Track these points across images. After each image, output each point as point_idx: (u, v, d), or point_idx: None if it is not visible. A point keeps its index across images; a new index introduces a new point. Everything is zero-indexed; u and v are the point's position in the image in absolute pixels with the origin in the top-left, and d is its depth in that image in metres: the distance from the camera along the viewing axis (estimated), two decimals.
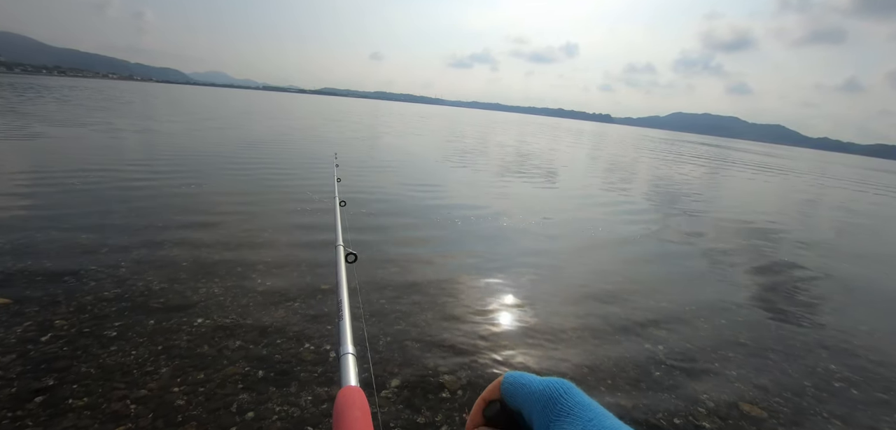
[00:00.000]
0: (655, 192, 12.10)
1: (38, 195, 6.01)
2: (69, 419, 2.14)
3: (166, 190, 6.91)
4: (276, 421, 2.27)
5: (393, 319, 3.44)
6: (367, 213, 6.56)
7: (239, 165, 9.84)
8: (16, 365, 2.49)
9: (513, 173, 12.61)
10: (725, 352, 3.46)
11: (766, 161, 35.77)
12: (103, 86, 70.17)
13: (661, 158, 25.79)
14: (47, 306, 3.13)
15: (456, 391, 2.65)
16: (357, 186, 8.44)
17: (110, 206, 5.75)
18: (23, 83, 51.83)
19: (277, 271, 4.11)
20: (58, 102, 24.31)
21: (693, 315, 4.10)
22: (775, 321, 4.17)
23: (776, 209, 11.45)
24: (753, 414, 2.73)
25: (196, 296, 3.48)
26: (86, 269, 3.77)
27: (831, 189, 19.24)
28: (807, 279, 5.57)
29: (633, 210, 9.12)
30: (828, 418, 2.79)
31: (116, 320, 3.04)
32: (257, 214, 6.05)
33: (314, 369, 2.71)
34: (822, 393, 3.05)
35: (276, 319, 3.25)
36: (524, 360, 3.06)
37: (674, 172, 18.13)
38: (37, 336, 2.77)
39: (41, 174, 7.34)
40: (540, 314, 3.79)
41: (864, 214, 12.94)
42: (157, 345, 2.79)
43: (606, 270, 5.17)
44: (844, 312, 4.65)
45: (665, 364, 3.19)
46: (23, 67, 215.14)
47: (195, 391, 2.42)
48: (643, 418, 2.59)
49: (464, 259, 5.05)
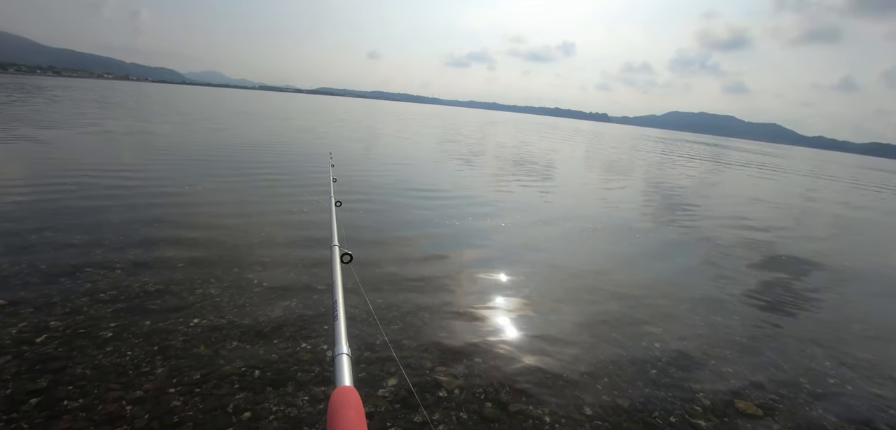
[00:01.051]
0: (652, 190, 12.13)
1: (32, 197, 5.97)
2: (64, 421, 2.13)
3: (160, 191, 6.88)
4: (272, 421, 2.27)
5: (391, 318, 3.44)
6: (364, 210, 6.56)
7: (235, 166, 9.80)
8: (11, 366, 2.47)
9: (510, 172, 12.62)
10: (721, 350, 3.48)
11: (763, 160, 35.96)
12: (98, 86, 69.76)
13: (658, 157, 25.87)
14: (42, 307, 3.11)
15: (453, 391, 2.65)
16: (355, 187, 8.43)
17: (105, 207, 5.72)
18: (13, 83, 51.47)
19: (274, 271, 4.10)
20: (49, 103, 24.16)
21: (689, 312, 4.12)
22: (770, 318, 4.19)
23: (772, 207, 11.50)
24: (749, 412, 2.75)
25: (192, 296, 3.47)
26: (81, 270, 3.75)
27: (827, 187, 19.35)
28: (802, 276, 5.60)
29: (629, 208, 9.14)
30: (823, 414, 2.81)
31: (112, 320, 3.02)
32: (253, 214, 6.04)
33: (311, 369, 2.70)
34: (816, 389, 3.07)
35: (272, 319, 3.24)
36: (521, 358, 3.06)
37: (670, 170, 18.19)
38: (32, 337, 2.75)
39: (34, 176, 7.29)
40: (537, 313, 3.80)
41: (860, 211, 13.02)
42: (153, 346, 2.78)
43: (603, 268, 5.19)
44: (838, 308, 4.68)
45: (661, 362, 3.20)
46: (17, 68, 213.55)
47: (191, 391, 2.41)
48: (639, 416, 2.60)
49: (461, 258, 5.05)
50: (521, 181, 11.20)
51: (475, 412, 2.49)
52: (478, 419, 2.44)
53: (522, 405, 2.58)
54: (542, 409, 2.57)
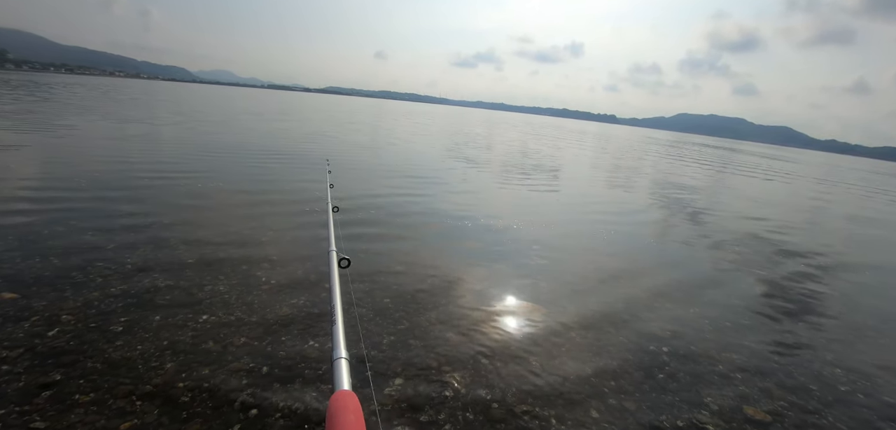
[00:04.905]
0: (661, 193, 12.04)
1: (44, 193, 6.06)
2: (76, 414, 2.16)
3: (170, 189, 6.95)
4: (279, 418, 2.28)
5: (397, 318, 3.45)
6: (366, 207, 6.57)
7: (245, 166, 9.88)
8: (23, 359, 2.51)
9: (517, 174, 12.59)
10: (730, 354, 3.45)
11: (773, 165, 35.55)
12: (109, 83, 70.63)
13: (668, 160, 25.67)
14: (54, 301, 3.16)
15: (459, 390, 2.65)
16: (359, 189, 8.46)
17: (116, 204, 5.79)
18: (28, 81, 52.25)
19: (282, 270, 4.12)
20: (64, 99, 24.49)
21: (698, 316, 4.08)
22: (781, 324, 4.14)
23: (782, 212, 11.37)
24: (758, 418, 2.72)
25: (201, 293, 3.50)
26: (92, 265, 3.80)
27: (839, 192, 19.08)
28: (813, 281, 5.53)
29: (637, 211, 9.09)
30: (833, 422, 2.77)
31: (122, 315, 3.06)
32: (263, 213, 6.07)
33: (318, 366, 2.72)
34: (827, 396, 3.03)
35: (280, 316, 3.27)
36: (528, 359, 3.06)
37: (680, 174, 18.04)
38: (44, 331, 2.80)
39: (47, 172, 7.40)
40: (543, 316, 3.79)
41: (873, 217, 12.83)
42: (163, 341, 2.81)
43: (610, 271, 5.16)
44: (851, 314, 4.62)
45: (669, 366, 3.18)
46: (31, 65, 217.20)
47: (200, 386, 2.44)
48: (647, 421, 2.58)
49: (467, 259, 5.05)
50: (527, 182, 11.17)
51: (481, 413, 2.48)
52: (484, 419, 2.44)
53: (529, 406, 2.58)
54: (549, 410, 2.56)
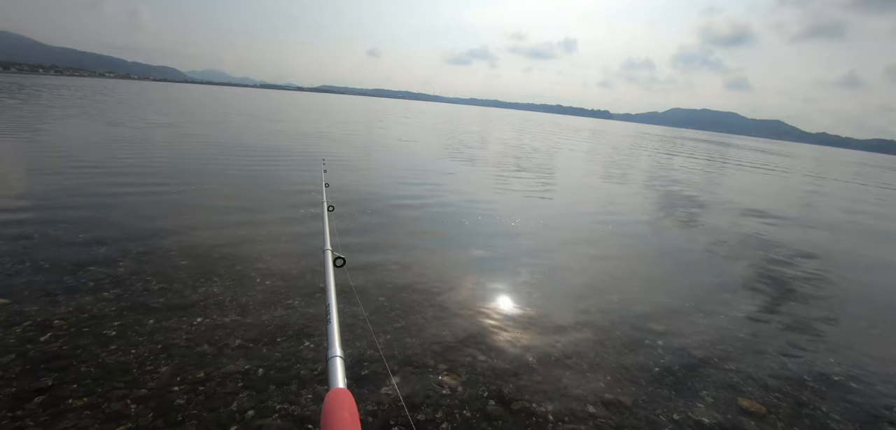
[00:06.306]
0: (655, 188, 12.10)
1: (35, 196, 5.99)
2: (69, 419, 2.14)
3: (162, 191, 6.90)
4: (276, 419, 2.27)
5: (393, 317, 3.44)
6: (363, 210, 6.56)
7: (236, 167, 9.81)
8: (15, 365, 2.48)
9: (512, 171, 12.60)
10: (724, 347, 3.47)
11: (766, 158, 35.83)
12: (99, 85, 69.88)
13: (661, 154, 25.79)
14: (46, 305, 3.13)
15: (456, 388, 2.65)
16: (355, 187, 8.43)
17: (108, 206, 5.73)
18: (13, 83, 51.60)
19: (276, 271, 4.10)
20: (50, 103, 24.21)
21: (693, 309, 4.11)
22: (775, 316, 4.18)
23: (776, 204, 11.46)
24: (752, 410, 2.74)
25: (195, 295, 3.48)
26: (84, 268, 3.76)
27: (831, 184, 19.27)
28: (805, 274, 5.58)
29: (631, 206, 9.13)
30: (827, 413, 2.80)
31: (116, 319, 3.03)
32: (255, 215, 6.04)
33: (314, 367, 2.71)
34: (821, 387, 3.06)
35: (275, 317, 3.25)
36: (524, 356, 3.06)
37: (673, 168, 18.14)
38: (36, 336, 2.76)
39: (36, 175, 7.31)
40: (539, 311, 3.79)
41: (865, 210, 12.96)
42: (157, 344, 2.79)
43: (606, 266, 5.18)
44: (844, 306, 4.67)
45: (664, 360, 3.20)
46: (18, 67, 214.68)
47: (195, 389, 2.42)
48: (643, 414, 2.59)
49: (462, 257, 5.05)
50: (523, 179, 11.18)
51: (478, 410, 2.49)
52: (481, 416, 2.44)
53: (525, 403, 2.58)
54: (546, 406, 2.57)
